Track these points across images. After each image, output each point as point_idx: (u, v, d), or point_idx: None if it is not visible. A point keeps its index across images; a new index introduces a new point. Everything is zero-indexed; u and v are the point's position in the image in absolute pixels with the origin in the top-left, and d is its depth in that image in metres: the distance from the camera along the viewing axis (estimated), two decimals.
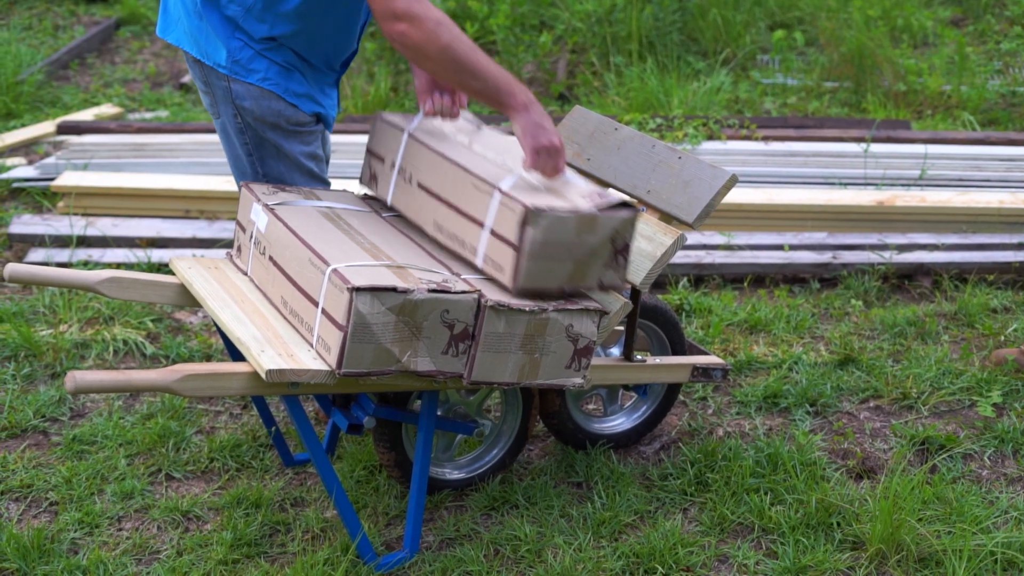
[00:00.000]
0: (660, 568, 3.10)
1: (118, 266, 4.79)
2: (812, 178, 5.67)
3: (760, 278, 4.91)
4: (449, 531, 3.27)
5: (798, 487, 3.40)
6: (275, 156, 3.31)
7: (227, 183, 5.37)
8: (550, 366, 2.99)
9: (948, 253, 4.97)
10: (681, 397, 3.96)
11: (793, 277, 4.92)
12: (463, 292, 2.81)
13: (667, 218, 3.27)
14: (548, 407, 3.50)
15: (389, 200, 3.33)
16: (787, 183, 5.66)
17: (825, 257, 4.93)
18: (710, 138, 5.91)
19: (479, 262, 2.98)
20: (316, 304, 2.82)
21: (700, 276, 4.89)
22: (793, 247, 5.04)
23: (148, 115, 6.95)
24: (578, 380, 3.04)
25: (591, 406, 3.83)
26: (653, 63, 6.98)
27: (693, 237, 5.01)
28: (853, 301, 4.67)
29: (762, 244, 5.07)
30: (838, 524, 3.28)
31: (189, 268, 3.26)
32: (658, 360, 3.49)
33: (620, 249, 2.99)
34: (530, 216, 2.81)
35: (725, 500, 3.38)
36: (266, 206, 3.13)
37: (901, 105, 6.89)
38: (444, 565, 3.12)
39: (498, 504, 3.38)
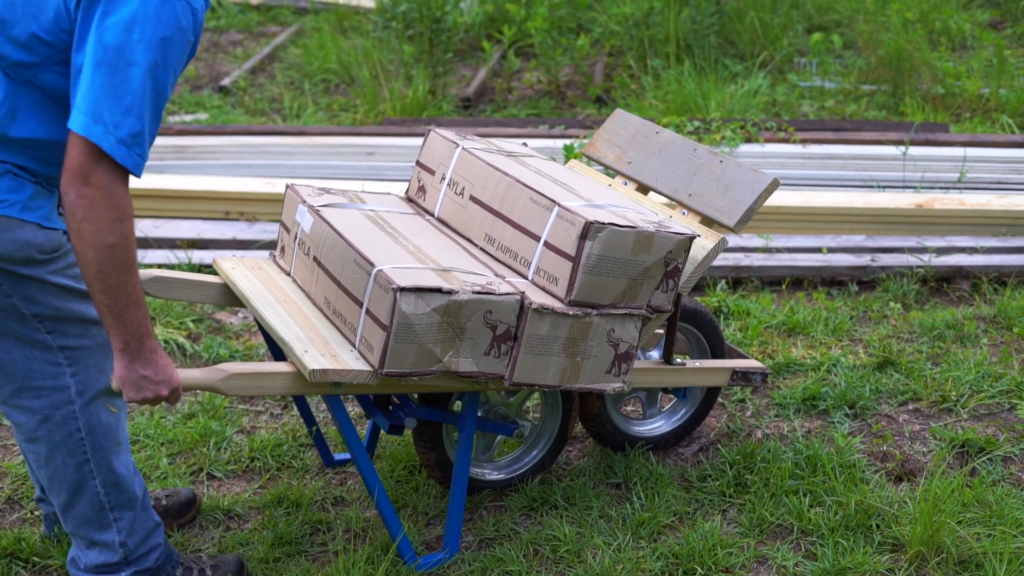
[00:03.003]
0: (699, 569, 3.11)
1: (159, 267, 4.83)
2: (850, 181, 5.66)
3: (798, 280, 4.91)
4: (489, 531, 3.29)
5: (837, 489, 3.40)
6: (53, 312, 2.63)
7: (266, 185, 5.40)
8: (591, 370, 3.00)
9: (987, 256, 4.94)
10: (719, 399, 3.96)
11: (831, 280, 4.91)
12: (507, 293, 2.83)
13: (708, 222, 3.28)
14: (588, 409, 3.51)
15: (437, 212, 3.36)
16: (825, 186, 5.65)
17: (863, 260, 4.91)
18: (748, 141, 5.90)
19: (530, 275, 3.00)
20: (360, 304, 2.84)
21: (738, 278, 4.89)
22: (831, 250, 5.03)
23: (188, 118, 7.01)
24: (618, 385, 3.06)
25: (630, 408, 3.84)
26: (690, 66, 6.97)
27: (731, 239, 5.01)
28: (892, 304, 4.65)
29: (800, 247, 5.06)
30: (877, 526, 3.27)
31: (233, 268, 3.29)
32: (697, 363, 3.50)
33: (671, 272, 3.01)
34: (590, 229, 2.83)
35: (764, 502, 3.38)
36: (311, 207, 3.15)
37: (939, 108, 6.86)
38: (484, 565, 3.13)
39: (537, 504, 3.40)
